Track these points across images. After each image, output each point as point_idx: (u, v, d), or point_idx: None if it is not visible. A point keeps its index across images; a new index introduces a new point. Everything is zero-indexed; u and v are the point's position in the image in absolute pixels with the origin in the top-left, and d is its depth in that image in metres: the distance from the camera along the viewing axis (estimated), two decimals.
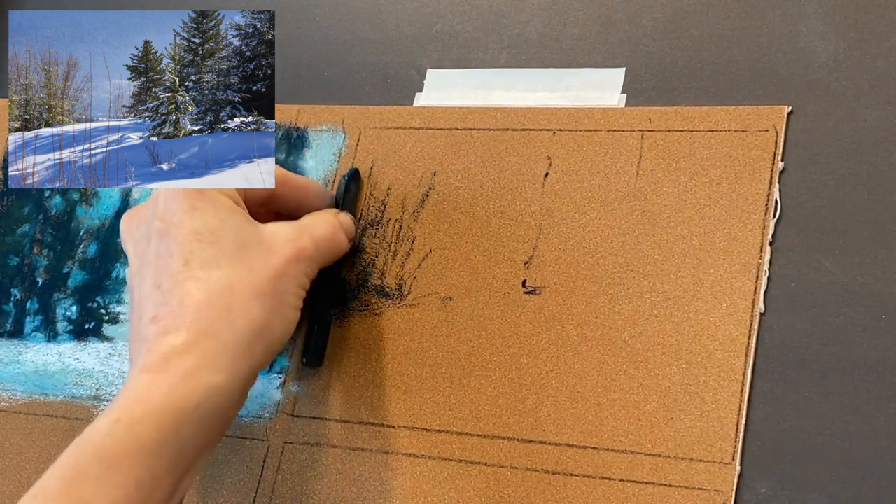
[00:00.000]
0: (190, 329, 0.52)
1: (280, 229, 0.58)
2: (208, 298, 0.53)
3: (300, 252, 0.57)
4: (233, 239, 0.55)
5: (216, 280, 0.54)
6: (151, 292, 0.54)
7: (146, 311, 0.54)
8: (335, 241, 0.60)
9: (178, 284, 0.54)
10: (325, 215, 0.61)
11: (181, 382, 0.51)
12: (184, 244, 0.54)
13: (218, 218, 0.55)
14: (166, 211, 0.56)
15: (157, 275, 0.55)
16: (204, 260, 0.54)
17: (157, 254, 0.55)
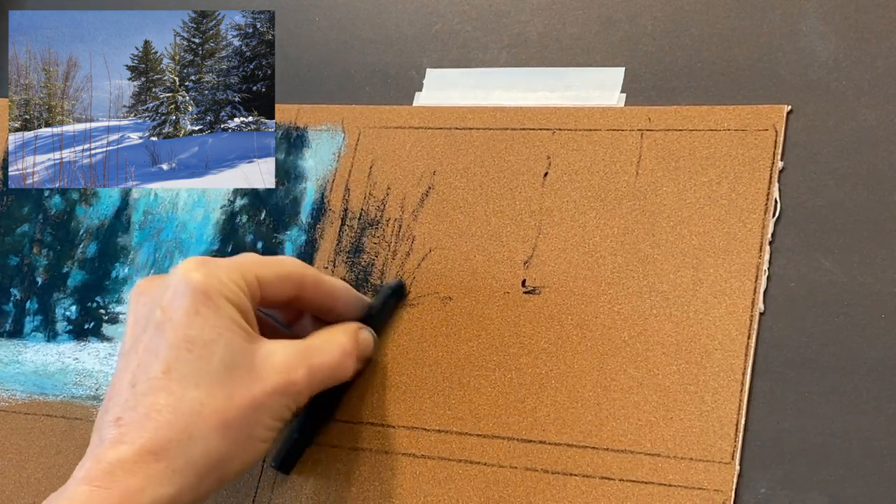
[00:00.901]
0: (144, 445, 0.51)
1: (276, 353, 0.55)
2: (173, 419, 0.51)
3: (287, 385, 0.54)
4: (221, 357, 0.53)
5: (188, 400, 0.52)
6: (126, 388, 0.53)
7: (112, 408, 0.53)
8: (339, 369, 0.57)
9: (152, 392, 0.52)
10: (339, 336, 0.58)
11: (118, 503, 0.50)
12: (171, 349, 0.53)
13: (216, 330, 0.53)
14: (170, 305, 0.54)
15: (137, 370, 0.53)
16: (185, 374, 0.52)
17: (145, 347, 0.53)
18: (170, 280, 0.55)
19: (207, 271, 0.54)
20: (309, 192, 0.67)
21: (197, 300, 0.53)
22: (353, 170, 0.67)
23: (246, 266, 0.56)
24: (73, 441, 0.66)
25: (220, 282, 0.54)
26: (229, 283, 0.54)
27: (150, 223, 0.70)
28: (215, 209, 0.69)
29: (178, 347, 0.53)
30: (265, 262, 0.57)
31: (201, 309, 0.53)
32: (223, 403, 0.52)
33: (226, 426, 0.52)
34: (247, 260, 0.57)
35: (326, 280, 0.59)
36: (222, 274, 0.54)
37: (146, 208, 0.71)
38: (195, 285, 0.53)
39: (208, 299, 0.53)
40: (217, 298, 0.54)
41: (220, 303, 0.54)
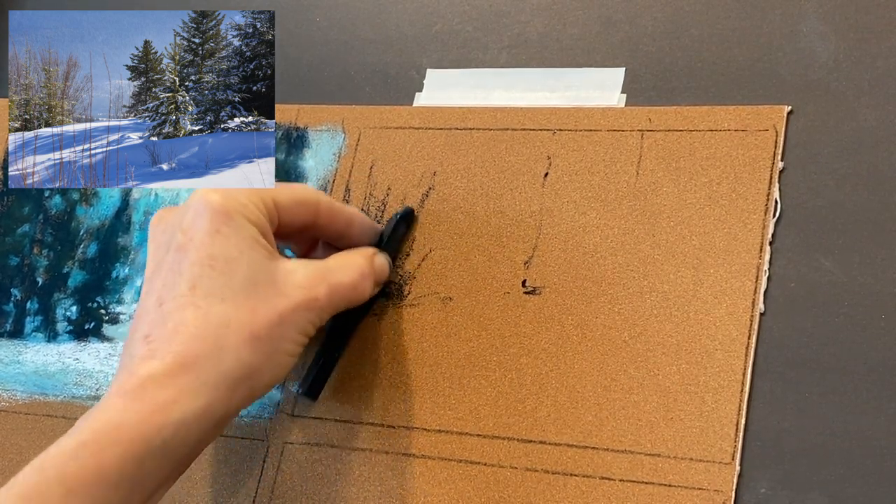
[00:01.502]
0: (175, 359, 0.51)
1: (298, 270, 0.56)
2: (202, 332, 0.52)
3: (310, 301, 0.55)
4: (245, 273, 0.54)
5: (216, 314, 0.52)
6: (153, 308, 0.53)
7: (141, 327, 0.53)
8: (357, 289, 0.58)
9: (179, 309, 0.53)
10: (356, 258, 0.59)
11: (152, 415, 0.50)
12: (195, 267, 0.53)
13: (237, 248, 0.54)
14: (191, 226, 0.54)
15: (162, 290, 0.54)
16: (210, 289, 0.53)
17: (169, 268, 0.54)
18: (189, 203, 0.55)
19: (226, 192, 0.55)
20: None
21: (217, 220, 0.54)
22: (354, 170, 0.67)
23: (263, 190, 0.57)
24: None
25: (238, 202, 0.55)
26: (248, 204, 0.55)
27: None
28: None
29: (201, 265, 0.53)
30: (280, 187, 0.58)
31: (222, 228, 0.54)
32: (249, 317, 0.53)
33: (254, 338, 0.53)
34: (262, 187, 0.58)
35: (340, 206, 0.60)
36: (241, 195, 0.55)
37: (146, 208, 0.71)
38: (214, 206, 0.54)
39: (228, 218, 0.54)
40: (237, 217, 0.55)
41: (240, 221, 0.55)
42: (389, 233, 0.62)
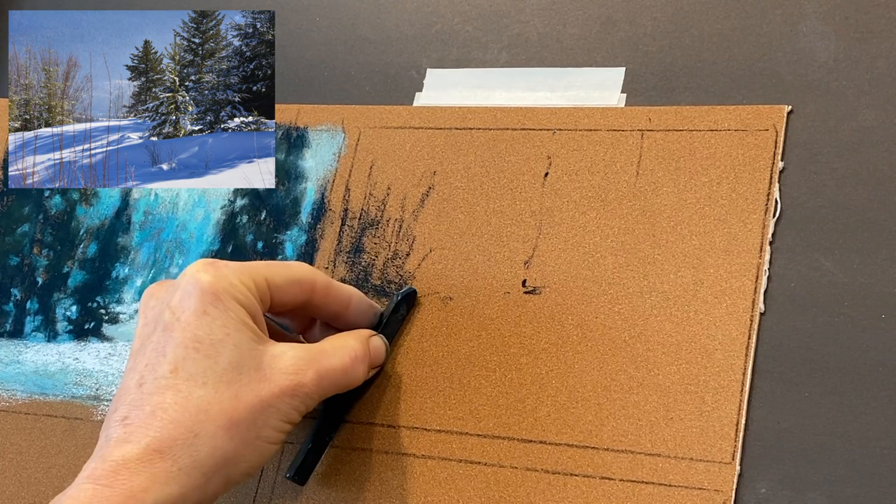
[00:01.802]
0: (150, 444, 0.50)
1: (285, 354, 0.54)
2: (180, 417, 0.51)
3: (296, 387, 0.54)
4: (229, 357, 0.53)
5: (195, 398, 0.52)
6: (134, 388, 0.53)
7: (120, 407, 0.53)
8: (348, 374, 0.56)
9: (159, 391, 0.52)
10: (351, 342, 0.57)
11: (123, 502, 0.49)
12: (179, 349, 0.52)
13: (224, 331, 0.53)
14: (178, 306, 0.53)
15: (145, 370, 0.53)
16: (192, 372, 0.52)
17: (154, 347, 0.53)
18: (179, 282, 0.54)
19: (216, 272, 0.54)
20: (309, 192, 0.67)
21: (205, 300, 0.53)
22: (354, 170, 0.67)
23: (255, 269, 0.56)
24: (73, 441, 0.66)
25: (229, 283, 0.54)
26: (238, 285, 0.54)
27: (150, 223, 0.70)
28: (215, 209, 0.69)
29: (185, 347, 0.53)
30: (275, 266, 0.57)
31: (209, 309, 0.53)
32: (230, 403, 0.52)
33: (233, 425, 0.52)
34: (256, 263, 0.56)
35: (337, 286, 0.59)
36: (231, 275, 0.54)
37: (146, 208, 0.71)
38: (203, 286, 0.53)
39: (217, 299, 0.53)
40: (226, 299, 0.54)
41: (228, 303, 0.54)
42: (389, 314, 0.61)
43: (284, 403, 0.54)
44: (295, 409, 0.54)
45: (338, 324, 0.60)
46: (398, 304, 0.61)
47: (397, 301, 0.61)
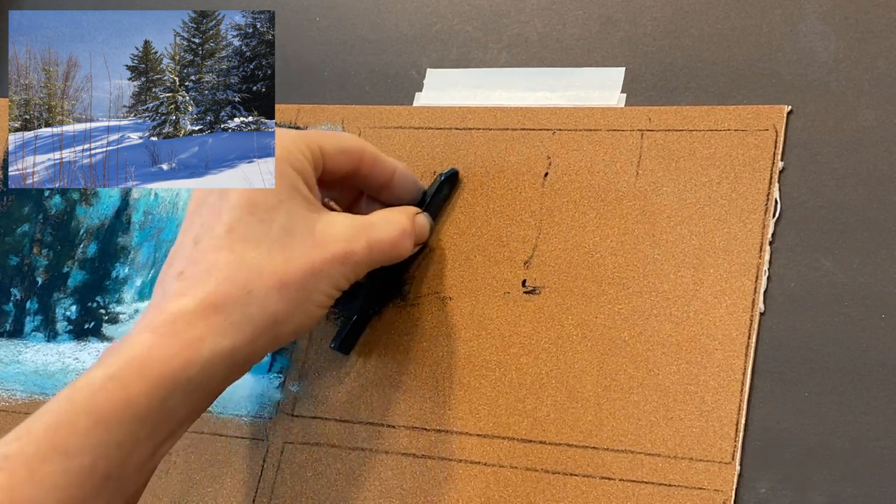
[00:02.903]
0: (205, 299, 0.52)
1: (337, 223, 0.56)
2: (234, 275, 0.53)
3: (347, 255, 0.56)
4: (282, 223, 0.54)
5: (249, 259, 0.53)
6: (190, 245, 0.54)
7: (177, 262, 0.54)
8: (396, 247, 0.58)
9: (214, 250, 0.53)
10: (398, 216, 0.59)
11: (180, 352, 0.51)
12: (234, 211, 0.54)
13: (278, 197, 0.55)
14: None
15: (200, 230, 0.55)
16: (246, 235, 0.54)
17: (210, 208, 0.55)
18: None
19: None
20: None
21: None
22: None
23: (309, 136, 0.57)
24: None
25: (285, 149, 0.56)
26: (294, 151, 0.56)
27: (150, 223, 0.70)
28: None
29: (241, 209, 0.54)
30: (326, 135, 0.58)
31: None
32: (283, 266, 0.53)
33: (284, 287, 0.53)
34: (309, 131, 0.58)
35: (384, 157, 0.60)
36: (287, 142, 0.56)
37: (146, 208, 0.71)
38: None
39: None
40: (281, 165, 0.55)
41: (284, 169, 0.55)
42: (433, 193, 0.62)
43: (335, 269, 0.55)
44: (344, 275, 0.56)
45: (382, 197, 0.61)
46: (442, 183, 0.62)
47: (441, 181, 0.63)
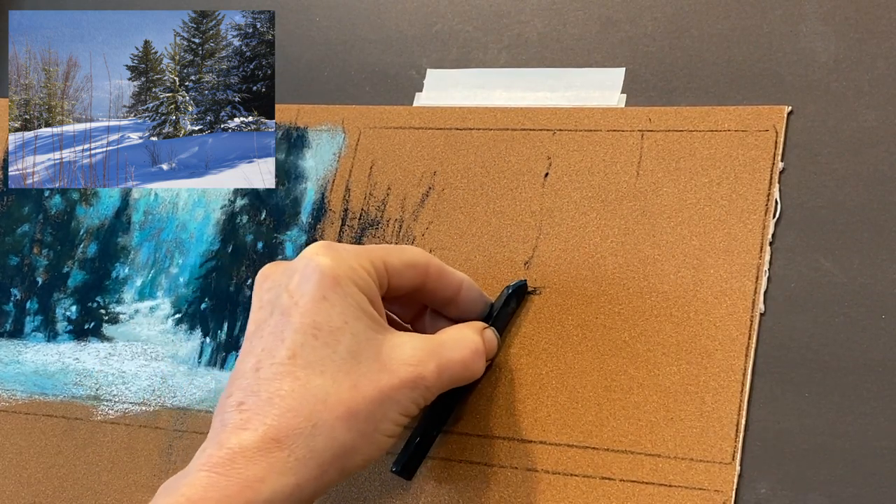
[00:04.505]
0: (267, 432, 0.49)
1: (405, 344, 0.53)
2: (298, 405, 0.50)
3: (417, 380, 0.52)
4: (348, 346, 0.51)
5: (314, 387, 0.50)
6: (250, 372, 0.51)
7: (235, 392, 0.51)
8: (469, 368, 0.55)
9: (277, 377, 0.50)
10: (469, 335, 0.56)
11: (238, 490, 0.48)
12: (298, 335, 0.51)
13: (343, 318, 0.51)
14: (297, 290, 0.52)
15: (262, 355, 0.51)
16: (311, 360, 0.51)
17: (271, 331, 0.52)
18: (297, 265, 0.53)
19: (336, 255, 0.52)
20: (309, 192, 0.67)
21: (325, 285, 0.51)
22: (354, 170, 0.67)
23: (373, 252, 0.54)
24: (73, 441, 0.66)
25: (349, 267, 0.52)
26: (358, 269, 0.53)
27: (150, 223, 0.70)
28: (215, 209, 0.69)
29: (304, 333, 0.51)
30: (391, 249, 0.55)
31: (329, 294, 0.51)
32: (349, 393, 0.51)
33: (352, 416, 0.50)
34: (372, 247, 0.55)
35: (450, 270, 0.57)
36: (351, 259, 0.53)
37: (146, 208, 0.71)
38: (323, 270, 0.52)
39: (336, 285, 0.52)
40: (346, 284, 0.52)
41: (348, 289, 0.52)
42: (500, 306, 0.59)
43: (404, 396, 0.52)
44: (414, 401, 0.53)
45: (448, 311, 0.58)
46: (509, 297, 0.59)
47: (509, 294, 0.59)
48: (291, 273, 0.53)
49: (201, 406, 0.64)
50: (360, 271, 0.53)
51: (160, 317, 0.68)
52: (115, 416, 0.66)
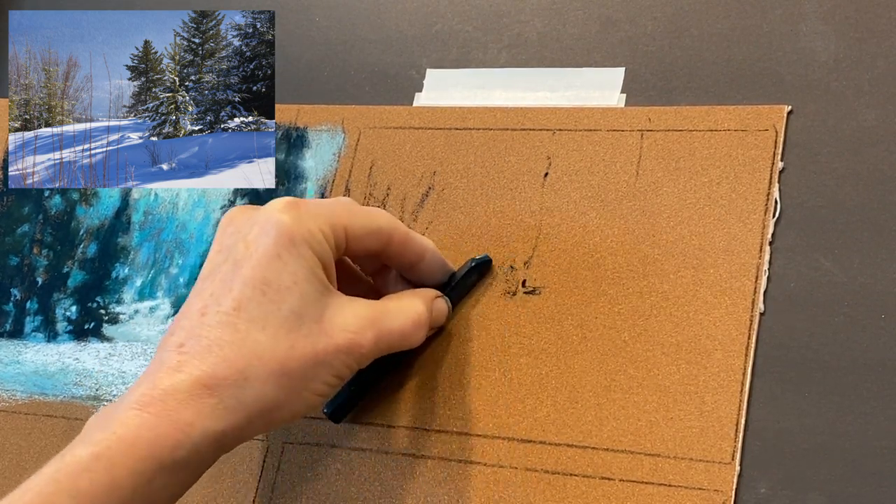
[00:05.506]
0: (200, 379, 0.51)
1: (347, 311, 0.54)
2: (233, 357, 0.51)
3: (352, 347, 0.53)
4: (292, 306, 0.52)
5: (252, 341, 0.51)
6: (195, 315, 0.52)
7: (178, 331, 0.52)
8: (407, 337, 0.56)
9: (219, 326, 0.52)
10: (415, 304, 0.57)
11: (169, 433, 0.50)
12: (246, 287, 0.52)
13: (293, 278, 0.52)
14: (254, 242, 0.53)
15: (209, 300, 0.53)
16: (254, 315, 0.52)
17: (222, 278, 0.53)
18: (259, 217, 0.54)
19: (297, 215, 0.53)
20: (309, 192, 0.67)
21: (280, 243, 0.52)
22: (354, 170, 0.67)
23: (336, 216, 0.55)
24: None
25: (307, 229, 0.53)
26: (316, 232, 0.54)
27: (150, 223, 0.70)
28: (215, 209, 0.69)
29: (252, 287, 0.52)
30: (356, 214, 0.56)
31: (283, 253, 0.52)
32: (285, 352, 0.52)
33: (284, 374, 0.52)
34: (338, 208, 0.56)
35: (415, 238, 0.58)
36: (310, 220, 0.53)
37: (146, 208, 0.71)
38: (281, 228, 0.53)
39: (291, 245, 0.53)
40: (300, 245, 0.53)
41: (302, 250, 0.53)
42: (460, 277, 0.60)
43: (338, 360, 0.53)
44: (347, 366, 0.54)
45: (409, 275, 0.59)
46: (471, 269, 0.60)
47: (471, 266, 0.60)
48: (252, 224, 0.54)
49: None
50: (317, 234, 0.54)
51: (160, 317, 0.68)
52: None
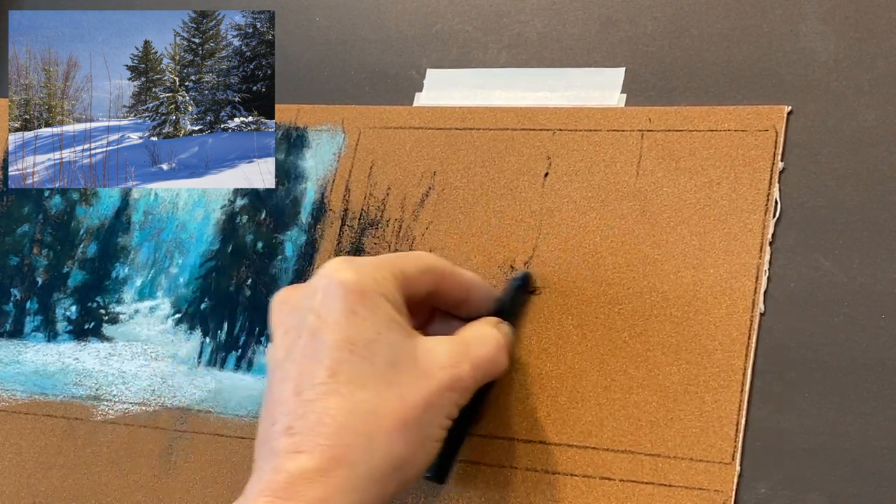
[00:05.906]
0: (324, 454, 0.48)
1: (438, 349, 0.52)
2: (349, 422, 0.49)
3: (455, 382, 0.52)
4: (386, 357, 0.50)
5: (361, 402, 0.49)
6: (290, 398, 0.50)
7: (280, 418, 0.50)
8: (496, 363, 0.55)
9: (321, 397, 0.49)
10: (488, 330, 0.55)
11: None
12: (334, 352, 0.50)
13: (375, 329, 0.51)
14: (323, 307, 0.51)
15: (300, 378, 0.50)
16: (352, 375, 0.49)
17: (304, 354, 0.50)
18: (318, 283, 0.52)
19: (357, 269, 0.52)
20: (309, 192, 0.67)
21: (351, 300, 0.51)
22: (354, 170, 0.67)
23: (390, 261, 0.54)
24: (73, 441, 0.66)
25: (372, 279, 0.52)
26: (381, 280, 0.52)
27: (150, 223, 0.70)
28: (215, 209, 0.69)
29: (340, 349, 0.50)
30: (405, 257, 0.55)
31: (357, 308, 0.51)
32: (397, 403, 0.50)
33: (404, 426, 0.50)
34: (387, 256, 0.55)
35: (459, 272, 0.57)
36: (372, 270, 0.52)
37: (146, 208, 0.71)
38: (347, 284, 0.51)
39: (363, 297, 0.51)
40: (372, 296, 0.51)
41: (376, 300, 0.51)
42: (509, 301, 0.59)
43: (446, 399, 0.51)
44: (455, 403, 0.52)
45: (459, 311, 0.57)
46: (517, 290, 0.59)
47: (515, 287, 0.59)
48: (313, 293, 0.52)
49: (201, 406, 0.64)
50: (383, 282, 0.52)
51: (160, 317, 0.68)
52: (115, 416, 0.66)
